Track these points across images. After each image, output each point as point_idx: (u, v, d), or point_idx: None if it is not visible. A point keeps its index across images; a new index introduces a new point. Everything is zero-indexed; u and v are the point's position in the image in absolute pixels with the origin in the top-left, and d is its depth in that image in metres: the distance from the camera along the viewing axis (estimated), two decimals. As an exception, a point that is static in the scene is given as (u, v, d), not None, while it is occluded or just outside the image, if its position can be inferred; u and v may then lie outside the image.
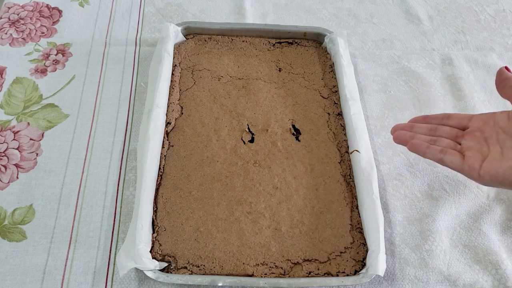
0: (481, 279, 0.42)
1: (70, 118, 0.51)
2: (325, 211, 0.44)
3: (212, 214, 0.43)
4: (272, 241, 0.42)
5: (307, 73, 0.56)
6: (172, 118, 0.50)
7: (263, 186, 0.45)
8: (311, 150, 0.49)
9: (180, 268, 0.40)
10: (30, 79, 0.54)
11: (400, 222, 0.45)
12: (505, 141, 0.38)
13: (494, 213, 0.46)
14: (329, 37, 0.57)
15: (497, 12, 0.69)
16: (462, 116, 0.44)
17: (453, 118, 0.44)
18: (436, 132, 0.43)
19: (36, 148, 0.48)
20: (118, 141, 0.49)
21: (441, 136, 0.43)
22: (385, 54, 0.61)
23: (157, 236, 0.41)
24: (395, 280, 0.41)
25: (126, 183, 0.46)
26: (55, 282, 0.40)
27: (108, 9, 0.64)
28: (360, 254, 0.41)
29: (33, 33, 0.59)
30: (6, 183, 0.45)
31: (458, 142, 0.42)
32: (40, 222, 0.43)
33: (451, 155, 0.40)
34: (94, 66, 0.56)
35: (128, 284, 0.40)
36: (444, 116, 0.45)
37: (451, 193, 0.47)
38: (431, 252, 0.43)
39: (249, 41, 0.58)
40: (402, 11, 0.68)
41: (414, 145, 0.42)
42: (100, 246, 0.42)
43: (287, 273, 0.40)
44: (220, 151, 0.48)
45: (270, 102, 0.53)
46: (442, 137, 0.43)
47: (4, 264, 0.40)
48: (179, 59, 0.55)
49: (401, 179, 0.48)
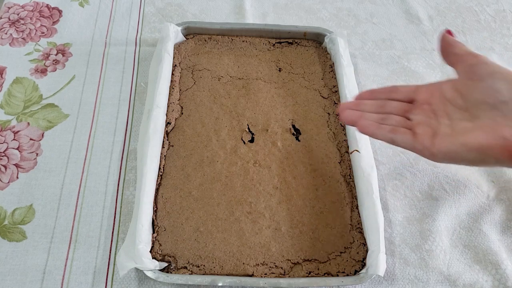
0: (481, 279, 0.42)
1: (70, 118, 0.51)
2: (325, 211, 0.44)
3: (212, 214, 0.43)
4: (272, 241, 0.42)
5: (307, 73, 0.56)
6: (172, 118, 0.50)
7: (263, 186, 0.45)
8: (311, 150, 0.49)
9: (180, 268, 0.40)
10: (30, 79, 0.54)
11: (400, 222, 0.45)
12: (454, 113, 0.36)
13: (494, 213, 0.46)
14: (329, 37, 0.57)
15: (497, 12, 0.69)
16: (408, 88, 0.41)
17: (400, 91, 0.41)
18: (385, 109, 0.40)
19: (36, 148, 0.48)
20: (118, 141, 0.49)
21: (391, 112, 0.40)
22: (385, 54, 0.61)
23: (157, 236, 0.41)
24: (395, 280, 0.41)
25: (126, 183, 0.46)
26: (55, 282, 0.40)
27: (108, 9, 0.64)
28: (360, 254, 0.41)
29: (33, 33, 0.59)
30: (6, 183, 0.45)
31: (408, 117, 0.39)
32: (40, 222, 0.43)
33: (401, 134, 0.37)
34: (94, 66, 0.56)
35: (128, 284, 0.40)
36: (391, 89, 0.42)
37: (451, 193, 0.47)
38: (431, 252, 0.43)
39: (249, 41, 0.58)
40: (402, 11, 0.68)
41: (364, 127, 0.39)
42: (100, 246, 0.42)
43: (287, 273, 0.40)
44: (220, 151, 0.48)
45: (270, 102, 0.53)
46: (391, 113, 0.40)
47: (4, 264, 0.40)
48: (179, 59, 0.55)
49: (401, 179, 0.48)
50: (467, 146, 0.32)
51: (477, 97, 0.34)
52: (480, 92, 0.34)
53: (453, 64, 0.37)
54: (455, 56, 0.37)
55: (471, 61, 0.35)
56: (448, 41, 0.38)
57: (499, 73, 0.33)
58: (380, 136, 0.39)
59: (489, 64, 0.34)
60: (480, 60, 0.35)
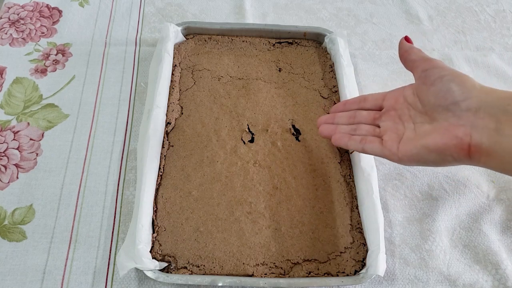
0: (481, 279, 0.42)
1: (70, 118, 0.51)
2: (325, 211, 0.44)
3: (212, 214, 0.43)
4: (272, 241, 0.42)
5: (307, 73, 0.56)
6: (172, 118, 0.50)
7: (263, 186, 0.45)
8: (311, 150, 0.49)
9: (180, 268, 0.40)
10: (30, 79, 0.54)
11: (400, 222, 0.45)
12: (416, 117, 0.37)
13: (494, 213, 0.46)
14: (329, 37, 0.57)
15: (497, 12, 0.69)
16: (376, 96, 0.43)
17: (369, 100, 0.43)
18: (355, 119, 0.43)
19: (36, 148, 0.48)
20: (118, 141, 0.49)
21: (360, 122, 0.43)
22: (385, 54, 0.61)
23: (157, 236, 0.41)
24: (395, 280, 0.41)
25: (126, 183, 0.46)
26: (55, 282, 0.40)
27: (108, 9, 0.64)
28: (360, 254, 0.41)
29: (33, 33, 0.59)
30: (6, 183, 0.45)
31: (377, 124, 0.41)
32: (40, 222, 0.43)
33: (370, 143, 0.39)
34: (94, 66, 0.56)
35: (128, 284, 0.40)
36: (361, 99, 0.44)
37: (451, 193, 0.47)
38: (431, 252, 0.43)
39: (249, 41, 0.58)
40: (402, 11, 0.68)
41: (336, 140, 0.43)
42: (100, 246, 0.42)
43: (287, 273, 0.40)
44: (220, 151, 0.48)
45: (270, 102, 0.53)
46: (361, 123, 0.42)
47: (4, 264, 0.40)
48: (179, 59, 0.55)
49: (401, 179, 0.48)
50: (428, 148, 0.34)
51: (431, 101, 0.36)
52: (433, 95, 0.35)
53: (411, 69, 0.39)
54: (411, 62, 0.39)
55: (425, 66, 0.37)
56: (404, 48, 0.39)
57: (449, 75, 0.34)
58: (352, 147, 0.41)
59: (440, 68, 0.36)
60: (432, 64, 0.36)
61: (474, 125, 0.32)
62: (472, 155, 0.32)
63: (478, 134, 0.32)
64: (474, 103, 0.32)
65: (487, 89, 0.33)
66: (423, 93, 0.37)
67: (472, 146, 0.32)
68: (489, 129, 0.31)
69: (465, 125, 0.32)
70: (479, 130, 0.32)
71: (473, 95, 0.33)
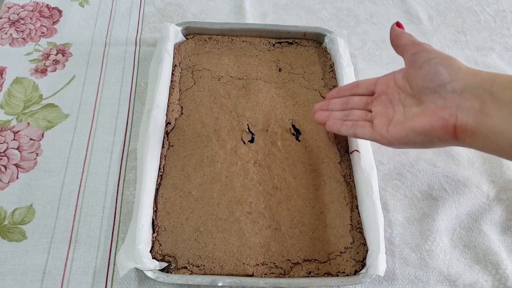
0: (481, 279, 0.42)
1: (70, 118, 0.51)
2: (325, 211, 0.44)
3: (212, 214, 0.43)
4: (272, 241, 0.42)
5: (307, 73, 0.56)
6: (172, 118, 0.50)
7: (263, 186, 0.45)
8: (311, 150, 0.49)
9: (180, 268, 0.40)
10: (30, 79, 0.54)
11: (400, 222, 0.45)
12: (406, 100, 0.38)
13: (494, 213, 0.46)
14: (329, 37, 0.57)
15: (497, 12, 0.69)
16: (368, 81, 0.43)
17: (361, 86, 0.44)
18: (348, 105, 0.44)
19: (36, 148, 0.48)
20: (118, 141, 0.49)
21: (353, 107, 0.43)
22: (385, 54, 0.61)
23: (157, 236, 0.41)
24: (395, 280, 0.41)
25: (126, 183, 0.46)
26: (55, 282, 0.40)
27: (108, 9, 0.64)
28: (360, 254, 0.41)
29: (33, 33, 0.59)
30: (6, 183, 0.45)
31: (369, 109, 0.42)
32: (40, 222, 0.43)
33: (361, 128, 0.40)
34: (94, 66, 0.56)
35: (128, 284, 0.40)
36: (354, 85, 0.45)
37: (451, 193, 0.47)
38: (431, 252, 0.43)
39: (249, 41, 0.58)
40: (402, 11, 0.68)
41: (330, 125, 0.44)
42: (100, 246, 0.42)
43: (287, 273, 0.40)
44: (220, 151, 0.48)
45: (270, 102, 0.53)
46: (354, 108, 0.43)
47: (4, 264, 0.40)
48: (179, 59, 0.55)
49: (401, 179, 0.48)
50: (415, 131, 0.35)
51: (419, 83, 0.36)
52: (420, 78, 0.36)
53: (401, 54, 0.40)
54: (402, 47, 0.39)
55: (413, 50, 0.37)
56: (395, 33, 0.40)
57: (436, 58, 0.35)
58: (344, 132, 0.42)
59: (428, 51, 0.36)
60: (421, 48, 0.37)
61: (460, 106, 0.32)
62: (458, 135, 0.33)
63: (464, 115, 0.32)
64: (459, 84, 0.33)
65: (473, 71, 0.34)
66: (411, 76, 0.37)
67: (458, 127, 0.32)
68: (474, 110, 0.32)
69: (451, 107, 0.33)
70: (465, 111, 0.32)
71: (459, 77, 0.33)
